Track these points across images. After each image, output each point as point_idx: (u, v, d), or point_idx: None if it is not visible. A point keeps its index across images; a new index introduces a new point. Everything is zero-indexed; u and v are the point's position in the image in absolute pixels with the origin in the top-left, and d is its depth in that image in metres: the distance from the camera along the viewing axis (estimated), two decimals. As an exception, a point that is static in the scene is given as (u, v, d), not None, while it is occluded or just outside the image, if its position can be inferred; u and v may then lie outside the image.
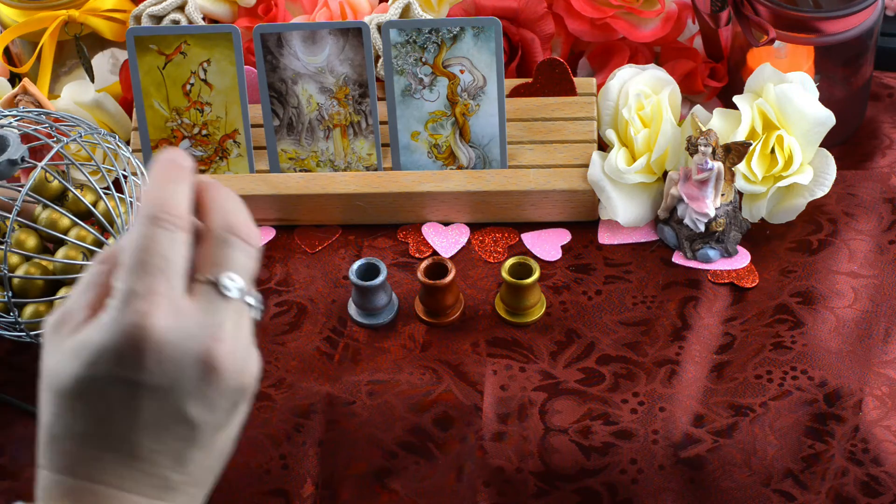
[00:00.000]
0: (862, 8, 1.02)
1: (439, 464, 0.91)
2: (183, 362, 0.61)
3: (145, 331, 0.60)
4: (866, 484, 0.89)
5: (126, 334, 0.60)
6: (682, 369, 0.95)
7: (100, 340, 0.60)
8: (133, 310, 0.60)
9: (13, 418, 0.95)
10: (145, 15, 1.10)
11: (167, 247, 0.61)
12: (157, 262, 0.61)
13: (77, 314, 0.62)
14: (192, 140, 1.05)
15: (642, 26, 1.10)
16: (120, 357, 0.60)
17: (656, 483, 0.90)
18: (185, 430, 0.62)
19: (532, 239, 1.04)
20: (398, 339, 0.98)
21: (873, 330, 0.96)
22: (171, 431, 0.62)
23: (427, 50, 1.02)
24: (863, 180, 1.06)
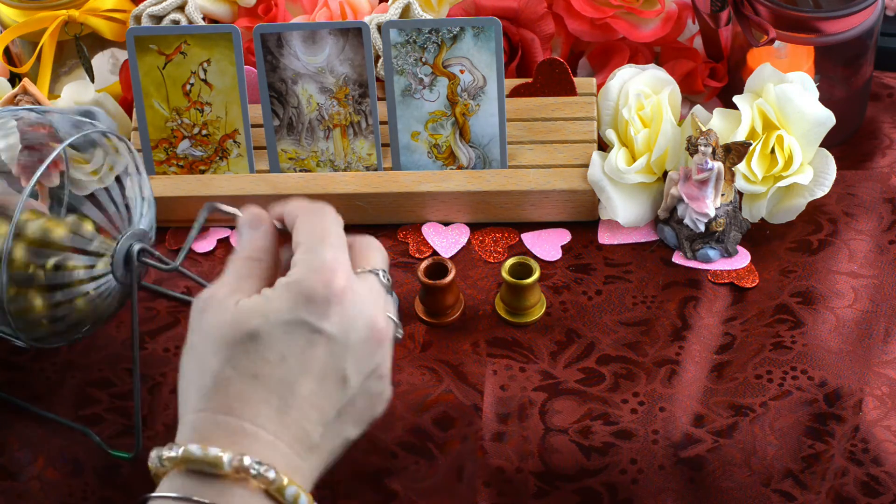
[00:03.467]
0: (862, 8, 1.02)
1: (439, 464, 0.91)
2: (357, 321, 0.73)
3: (334, 285, 0.73)
4: (866, 484, 0.89)
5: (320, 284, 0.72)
6: (682, 369, 0.95)
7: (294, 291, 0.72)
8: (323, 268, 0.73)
9: (13, 418, 0.95)
10: (145, 15, 1.10)
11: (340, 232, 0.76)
12: (336, 240, 0.75)
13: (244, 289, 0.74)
14: (192, 140, 1.05)
15: (642, 26, 1.10)
16: (311, 303, 0.72)
17: (656, 483, 0.90)
18: (338, 387, 0.73)
19: (532, 239, 1.04)
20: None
21: (873, 330, 0.96)
22: (329, 384, 0.73)
23: (427, 50, 1.02)
24: (863, 180, 1.06)
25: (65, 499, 0.92)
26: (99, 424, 0.94)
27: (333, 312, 0.73)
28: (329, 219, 0.77)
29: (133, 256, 0.90)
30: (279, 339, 0.72)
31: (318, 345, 0.73)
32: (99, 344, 0.99)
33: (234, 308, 0.73)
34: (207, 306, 0.74)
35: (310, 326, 0.72)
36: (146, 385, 0.96)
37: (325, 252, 0.74)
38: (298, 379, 0.72)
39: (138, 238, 0.91)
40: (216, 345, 0.72)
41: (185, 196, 1.04)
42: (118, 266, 0.90)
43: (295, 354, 0.72)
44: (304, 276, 0.73)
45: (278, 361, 0.72)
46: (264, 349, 0.72)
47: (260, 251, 0.78)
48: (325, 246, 0.75)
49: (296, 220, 0.77)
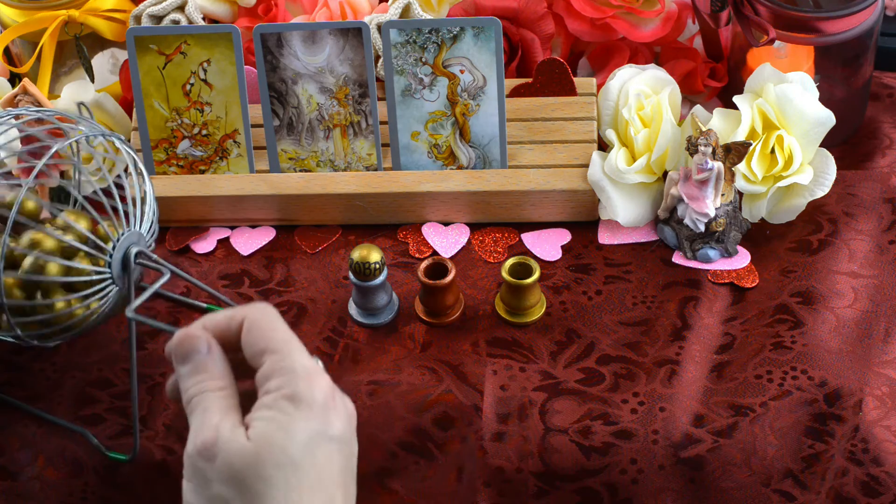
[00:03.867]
0: (862, 8, 1.02)
1: (439, 464, 0.91)
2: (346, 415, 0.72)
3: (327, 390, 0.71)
4: (866, 484, 0.89)
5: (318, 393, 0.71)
6: (682, 369, 0.95)
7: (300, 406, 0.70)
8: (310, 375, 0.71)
9: (13, 418, 0.95)
10: (145, 15, 1.10)
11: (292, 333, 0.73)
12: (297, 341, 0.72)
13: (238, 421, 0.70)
14: (192, 140, 1.05)
15: (642, 26, 1.10)
16: (318, 415, 0.70)
17: (656, 483, 0.90)
18: (353, 481, 0.73)
19: (532, 239, 1.04)
20: (398, 339, 0.98)
21: (873, 330, 0.96)
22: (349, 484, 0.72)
23: (427, 50, 1.02)
24: (863, 180, 1.06)
25: (65, 499, 0.92)
26: (99, 424, 0.94)
27: (333, 416, 0.71)
28: (278, 320, 0.73)
29: (130, 259, 0.90)
30: (310, 461, 0.69)
31: (334, 453, 0.70)
32: (99, 344, 0.99)
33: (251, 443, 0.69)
34: (215, 451, 0.69)
35: (325, 437, 0.70)
36: (146, 385, 0.96)
37: (300, 357, 0.71)
38: (335, 494, 0.70)
39: (136, 240, 0.90)
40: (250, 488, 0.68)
41: (185, 196, 1.04)
42: (116, 267, 0.90)
43: (325, 472, 0.70)
44: (297, 387, 0.70)
45: (318, 485, 0.69)
46: (305, 477, 0.69)
47: (221, 378, 0.72)
48: (295, 350, 0.71)
49: (239, 329, 0.73)
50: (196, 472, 0.69)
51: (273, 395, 0.70)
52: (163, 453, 0.93)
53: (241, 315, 0.73)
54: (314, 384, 0.70)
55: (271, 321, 0.72)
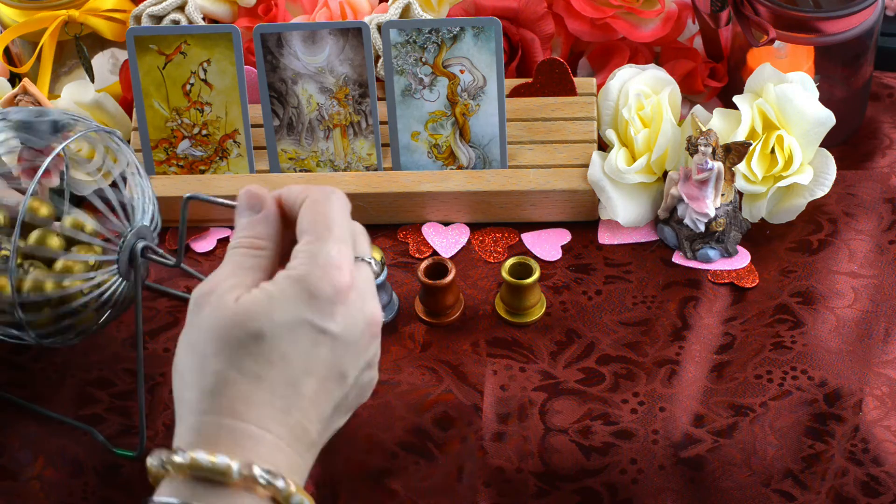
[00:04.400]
0: (862, 8, 1.02)
1: (439, 464, 0.91)
2: (358, 318, 0.71)
3: (339, 284, 0.70)
4: (866, 484, 0.89)
5: (325, 282, 0.70)
6: (682, 369, 0.95)
7: (298, 288, 0.69)
8: (329, 264, 0.70)
9: (13, 418, 0.95)
10: (145, 15, 1.10)
11: (346, 221, 0.73)
12: (341, 231, 0.72)
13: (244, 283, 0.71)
14: (192, 140, 1.05)
15: (642, 26, 1.10)
16: (316, 302, 0.70)
17: (656, 483, 0.90)
18: (337, 384, 0.72)
19: (532, 239, 1.04)
20: (398, 339, 0.98)
21: (873, 330, 0.96)
22: (330, 382, 0.71)
23: (427, 50, 1.02)
24: (863, 180, 1.06)
25: (65, 499, 0.92)
26: (99, 424, 0.94)
27: (338, 312, 0.70)
28: (335, 207, 0.73)
29: (137, 254, 0.90)
30: (284, 339, 0.70)
31: (322, 345, 0.70)
32: (99, 344, 0.99)
33: (235, 305, 0.70)
34: (206, 302, 0.71)
35: (315, 327, 0.70)
36: (146, 385, 0.96)
37: (330, 246, 0.71)
38: (302, 379, 0.70)
39: (141, 235, 0.91)
40: (217, 344, 0.70)
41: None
42: (123, 264, 0.90)
43: (299, 355, 0.70)
44: (308, 271, 0.70)
45: (282, 362, 0.70)
46: (268, 350, 0.70)
47: (262, 239, 0.74)
48: (331, 238, 0.71)
49: (301, 205, 0.73)
50: (189, 314, 0.72)
51: (286, 272, 0.71)
52: (163, 453, 0.93)
53: (306, 193, 0.74)
54: (327, 275, 0.70)
55: (327, 204, 0.73)
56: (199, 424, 0.70)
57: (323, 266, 0.70)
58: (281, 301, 0.70)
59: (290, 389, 0.70)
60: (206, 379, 0.70)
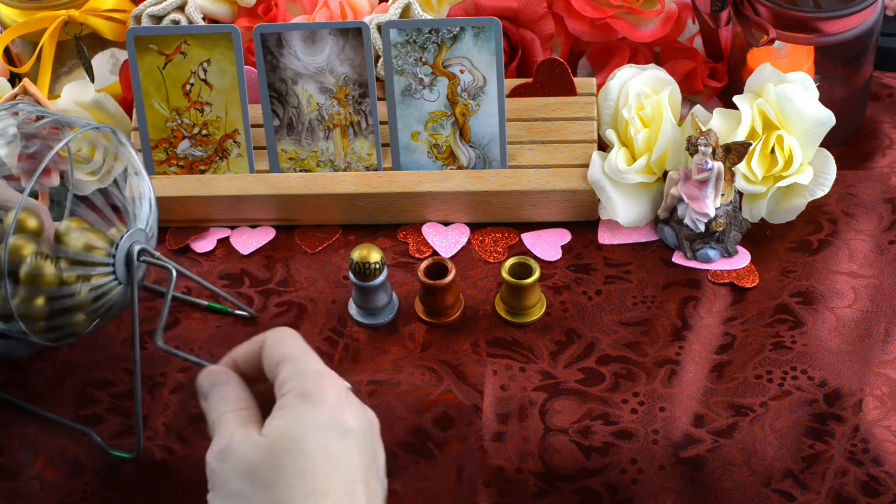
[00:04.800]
0: (862, 8, 1.02)
1: (439, 464, 0.91)
2: (363, 415, 0.75)
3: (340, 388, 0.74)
4: (866, 484, 0.89)
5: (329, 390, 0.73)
6: (682, 369, 0.95)
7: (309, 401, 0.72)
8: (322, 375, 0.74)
9: (13, 418, 0.95)
10: (145, 15, 1.10)
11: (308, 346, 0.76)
12: (313, 352, 0.75)
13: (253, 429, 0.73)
14: (192, 140, 1.05)
15: (642, 26, 1.10)
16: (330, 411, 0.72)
17: (656, 483, 0.90)
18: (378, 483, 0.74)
19: (532, 239, 1.04)
20: (398, 339, 0.98)
21: (873, 330, 0.96)
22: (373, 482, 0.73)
23: (427, 50, 1.02)
24: (863, 180, 1.06)
25: (65, 499, 0.92)
26: (99, 424, 0.94)
27: (347, 412, 0.73)
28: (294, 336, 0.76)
29: (133, 257, 0.90)
30: (323, 449, 0.71)
31: (350, 445, 0.72)
32: (99, 344, 0.99)
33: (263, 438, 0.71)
34: (229, 452, 0.72)
35: (338, 430, 0.72)
36: (145, 385, 0.96)
37: (312, 361, 0.74)
38: (355, 487, 0.71)
39: (138, 238, 0.91)
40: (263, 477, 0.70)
41: (185, 196, 1.04)
42: (119, 266, 0.90)
43: (341, 463, 0.71)
44: (308, 386, 0.73)
45: (334, 470, 0.70)
46: (316, 463, 0.70)
47: (241, 401, 0.76)
48: (308, 356, 0.75)
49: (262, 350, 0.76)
50: (214, 475, 0.71)
51: (286, 396, 0.72)
52: (163, 453, 0.93)
53: (261, 338, 0.77)
54: (326, 383, 0.73)
55: (288, 337, 0.76)
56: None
57: (316, 379, 0.73)
58: (302, 417, 0.71)
59: (350, 499, 0.71)
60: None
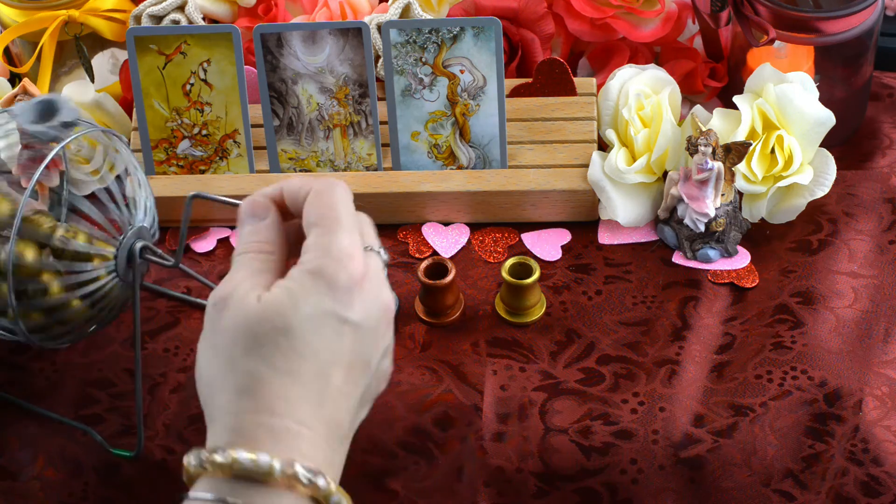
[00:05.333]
0: (862, 8, 1.02)
1: (439, 464, 0.91)
2: (375, 306, 0.72)
3: (354, 273, 0.71)
4: (866, 484, 0.89)
5: (341, 272, 0.71)
6: (682, 369, 0.95)
7: (317, 281, 0.71)
8: (342, 255, 0.71)
9: (13, 418, 0.95)
10: (145, 15, 1.10)
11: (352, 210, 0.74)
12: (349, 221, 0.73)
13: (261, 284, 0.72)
14: (192, 140, 1.05)
15: (642, 26, 1.10)
16: (335, 293, 0.71)
17: (656, 483, 0.90)
18: (363, 373, 0.73)
19: (532, 239, 1.04)
20: (398, 339, 0.98)
21: (873, 330, 0.96)
22: (356, 372, 0.72)
23: (427, 50, 1.02)
24: (863, 180, 1.06)
25: (65, 499, 0.92)
26: (99, 424, 0.94)
27: (356, 301, 0.71)
28: (340, 198, 0.74)
29: (135, 254, 0.90)
30: (310, 332, 0.70)
31: (345, 334, 0.71)
32: (99, 344, 0.99)
33: (259, 304, 0.71)
34: (227, 304, 0.72)
35: (338, 317, 0.71)
36: (146, 385, 0.96)
37: (341, 236, 0.72)
38: (331, 370, 0.71)
39: (140, 236, 0.91)
40: (245, 343, 0.70)
41: (185, 196, 1.04)
42: (121, 264, 0.90)
43: (326, 346, 0.71)
44: (324, 263, 0.71)
45: (312, 355, 0.70)
46: (298, 344, 0.70)
47: (269, 244, 0.75)
48: (340, 230, 0.72)
49: (305, 199, 0.74)
50: (208, 319, 0.72)
51: (300, 268, 0.72)
52: (163, 453, 0.93)
53: (310, 185, 0.75)
54: (342, 265, 0.71)
55: (332, 196, 0.74)
56: (236, 424, 0.69)
57: (336, 257, 0.71)
58: (303, 295, 0.71)
59: (322, 382, 0.71)
60: (238, 379, 0.70)
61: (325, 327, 0.71)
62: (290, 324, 0.70)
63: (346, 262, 0.71)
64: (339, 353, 0.71)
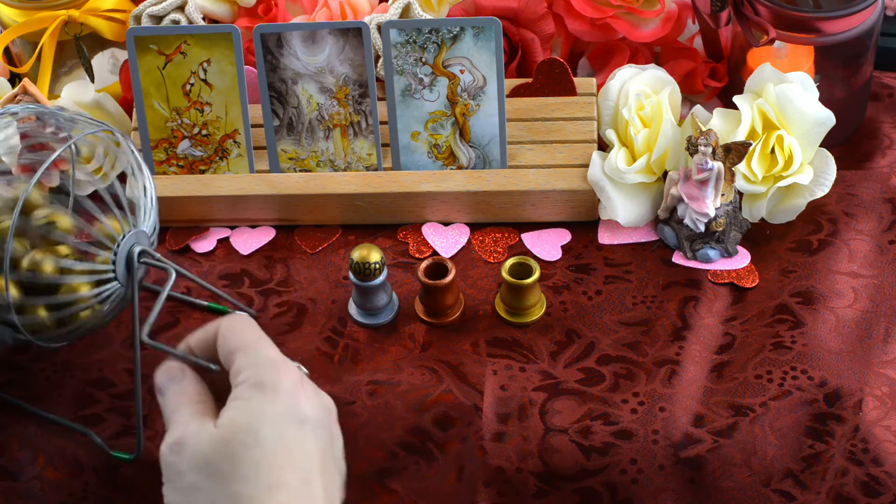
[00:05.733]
0: (862, 8, 1.02)
1: (439, 464, 0.91)
2: (320, 404, 0.75)
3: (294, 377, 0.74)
4: (866, 484, 0.89)
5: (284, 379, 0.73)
6: (682, 369, 0.95)
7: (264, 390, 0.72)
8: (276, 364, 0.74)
9: (13, 418, 0.95)
10: (145, 15, 1.10)
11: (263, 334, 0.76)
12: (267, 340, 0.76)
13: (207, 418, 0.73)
14: (192, 140, 1.05)
15: (642, 26, 1.10)
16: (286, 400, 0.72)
17: (656, 483, 0.90)
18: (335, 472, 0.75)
19: (532, 239, 1.04)
20: (398, 339, 0.98)
21: (873, 330, 0.96)
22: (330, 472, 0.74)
23: (427, 50, 1.02)
24: (863, 180, 1.06)
25: (65, 499, 0.92)
26: (99, 425, 0.94)
27: (302, 401, 0.73)
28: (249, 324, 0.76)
29: (134, 258, 0.90)
30: (279, 440, 0.70)
31: (307, 436, 0.72)
32: (99, 344, 0.99)
33: (217, 429, 0.71)
34: (184, 444, 0.72)
35: (295, 419, 0.72)
36: (145, 385, 0.96)
37: (266, 350, 0.74)
38: (311, 475, 0.71)
39: (140, 239, 0.91)
40: (220, 470, 0.70)
41: (185, 196, 1.05)
42: (120, 267, 0.90)
43: (298, 451, 0.71)
44: (262, 375, 0.73)
45: (290, 463, 0.70)
46: (270, 454, 0.70)
47: (197, 393, 0.76)
48: (262, 345, 0.75)
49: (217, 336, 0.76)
50: (168, 468, 0.71)
51: (241, 386, 0.72)
52: (163, 453, 0.93)
53: (216, 325, 0.77)
54: (280, 372, 0.73)
55: (242, 325, 0.76)
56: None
57: (271, 367, 0.73)
58: (257, 407, 0.71)
59: (307, 487, 0.71)
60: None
61: (289, 433, 0.71)
62: (259, 437, 0.70)
63: (282, 368, 0.73)
64: (310, 455, 0.72)
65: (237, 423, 0.71)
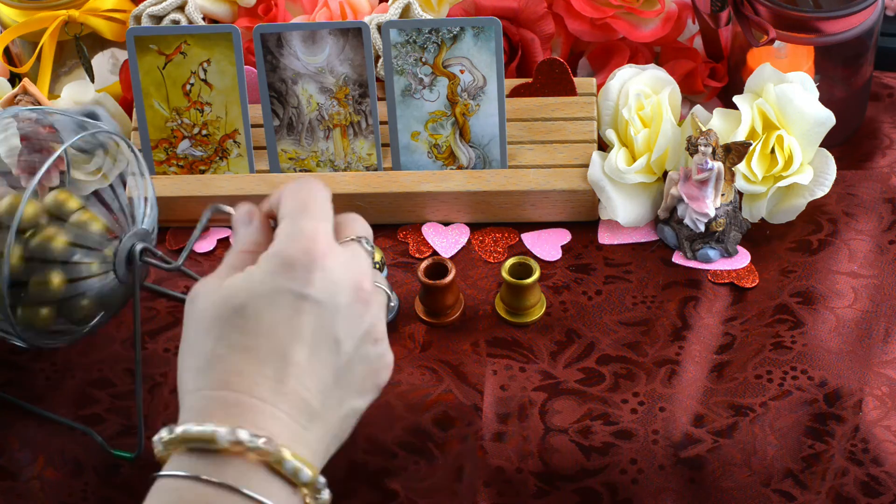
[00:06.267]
0: (862, 8, 1.02)
1: (439, 464, 0.91)
2: (341, 284, 0.73)
3: (314, 251, 0.73)
4: (866, 484, 0.89)
5: (299, 251, 0.73)
6: (682, 369, 0.95)
7: (274, 261, 0.73)
8: (302, 236, 0.73)
9: (13, 418, 0.95)
10: (145, 15, 1.10)
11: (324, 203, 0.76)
12: (317, 210, 0.75)
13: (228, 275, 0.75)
14: (192, 140, 1.05)
15: (642, 26, 1.10)
16: (292, 270, 0.72)
17: (656, 483, 0.90)
18: (331, 351, 0.73)
19: (532, 239, 1.04)
20: (398, 339, 0.98)
21: (873, 330, 0.96)
22: (322, 350, 0.73)
23: (427, 50, 1.02)
24: (863, 180, 1.06)
25: (65, 499, 0.92)
26: (99, 424, 0.94)
27: (316, 278, 0.73)
28: (312, 191, 0.77)
29: (135, 256, 0.90)
30: (265, 309, 0.72)
31: (305, 311, 0.73)
32: (99, 344, 0.99)
33: (221, 288, 0.74)
34: (197, 295, 0.75)
35: (293, 293, 0.73)
36: (146, 385, 0.96)
37: (304, 222, 0.75)
38: (290, 347, 0.72)
39: (140, 238, 0.91)
40: (206, 325, 0.73)
41: (185, 196, 1.05)
42: (120, 266, 0.90)
43: (283, 323, 0.72)
44: (283, 245, 0.74)
45: (268, 332, 0.72)
46: (252, 321, 0.72)
47: (252, 244, 0.78)
48: (305, 216, 0.75)
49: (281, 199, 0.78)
50: (185, 314, 0.75)
51: (265, 253, 0.75)
52: (163, 453, 0.93)
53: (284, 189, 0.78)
54: (299, 244, 0.74)
55: (301, 191, 0.77)
56: (193, 401, 0.72)
57: (296, 238, 0.74)
58: (259, 275, 0.73)
59: (280, 357, 0.72)
60: (199, 359, 0.73)
61: (281, 304, 0.72)
62: (244, 302, 0.72)
63: (305, 242, 0.74)
64: (298, 329, 0.72)
65: (236, 287, 0.73)
